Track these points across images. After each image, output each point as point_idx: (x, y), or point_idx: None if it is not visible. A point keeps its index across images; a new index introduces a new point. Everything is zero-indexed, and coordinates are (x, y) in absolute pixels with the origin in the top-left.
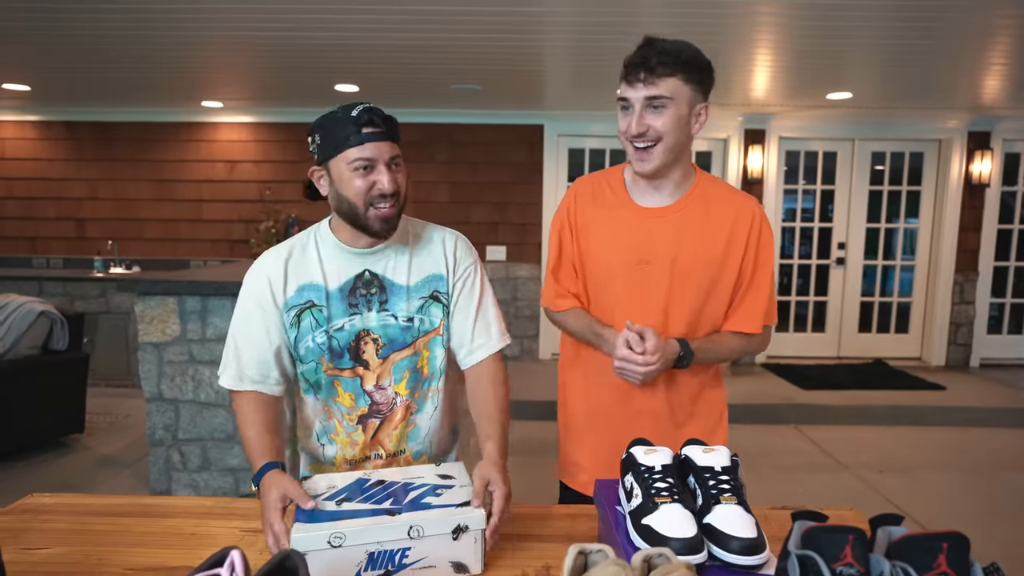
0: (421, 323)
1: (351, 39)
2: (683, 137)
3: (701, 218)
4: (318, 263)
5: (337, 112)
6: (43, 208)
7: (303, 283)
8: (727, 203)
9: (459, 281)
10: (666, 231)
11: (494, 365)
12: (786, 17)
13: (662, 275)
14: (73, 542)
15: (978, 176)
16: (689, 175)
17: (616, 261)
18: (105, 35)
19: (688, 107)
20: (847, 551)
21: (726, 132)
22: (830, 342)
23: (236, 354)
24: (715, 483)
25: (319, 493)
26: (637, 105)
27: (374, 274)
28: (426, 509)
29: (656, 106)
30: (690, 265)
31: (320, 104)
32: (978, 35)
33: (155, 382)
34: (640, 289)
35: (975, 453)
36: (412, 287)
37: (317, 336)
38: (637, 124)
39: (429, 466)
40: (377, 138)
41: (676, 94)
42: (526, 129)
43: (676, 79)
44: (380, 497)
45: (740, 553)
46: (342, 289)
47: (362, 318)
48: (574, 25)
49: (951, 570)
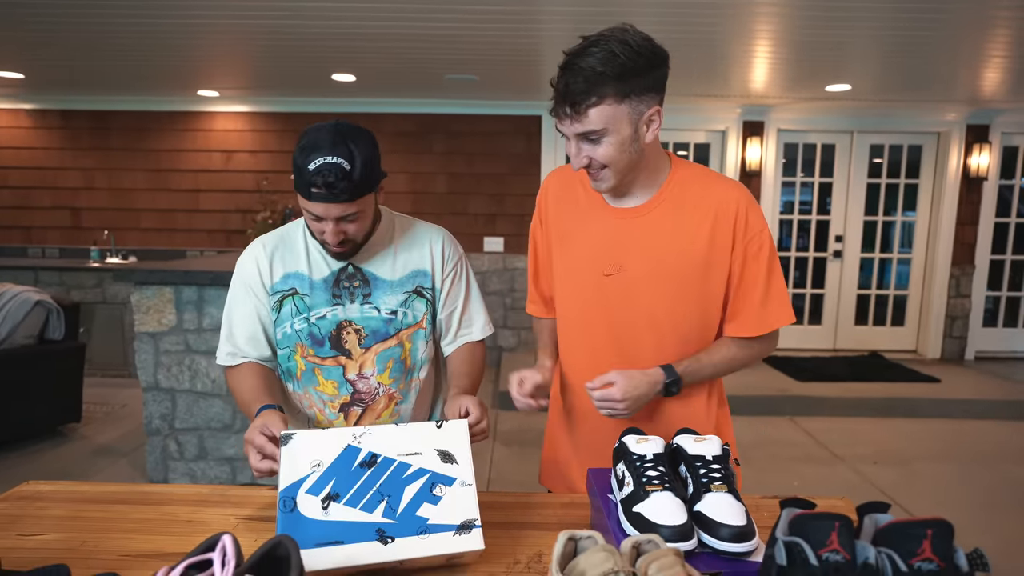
0: (404, 316)
1: (348, 28)
2: (633, 155)
3: (678, 216)
4: (305, 253)
5: (297, 159)
6: (38, 198)
7: (289, 271)
8: (707, 193)
9: (447, 278)
10: (639, 235)
11: (473, 346)
12: (786, 8)
13: (640, 283)
14: (69, 528)
15: (976, 169)
16: (660, 170)
17: (586, 269)
18: (100, 23)
19: (630, 126)
20: (833, 537)
21: (724, 124)
22: (826, 334)
23: (229, 334)
24: (706, 472)
25: (301, 475)
26: (572, 140)
27: (358, 268)
28: (422, 533)
29: (592, 139)
30: (671, 269)
31: (317, 94)
32: (979, 27)
33: (151, 371)
34: (617, 301)
35: (969, 445)
36: (396, 281)
37: (296, 323)
38: (576, 159)
39: (429, 428)
40: (326, 200)
41: (610, 122)
42: (524, 120)
43: (606, 104)
44: (372, 499)
45: (729, 540)
46: (326, 280)
47: (344, 309)
48: (571, 15)
49: (935, 556)
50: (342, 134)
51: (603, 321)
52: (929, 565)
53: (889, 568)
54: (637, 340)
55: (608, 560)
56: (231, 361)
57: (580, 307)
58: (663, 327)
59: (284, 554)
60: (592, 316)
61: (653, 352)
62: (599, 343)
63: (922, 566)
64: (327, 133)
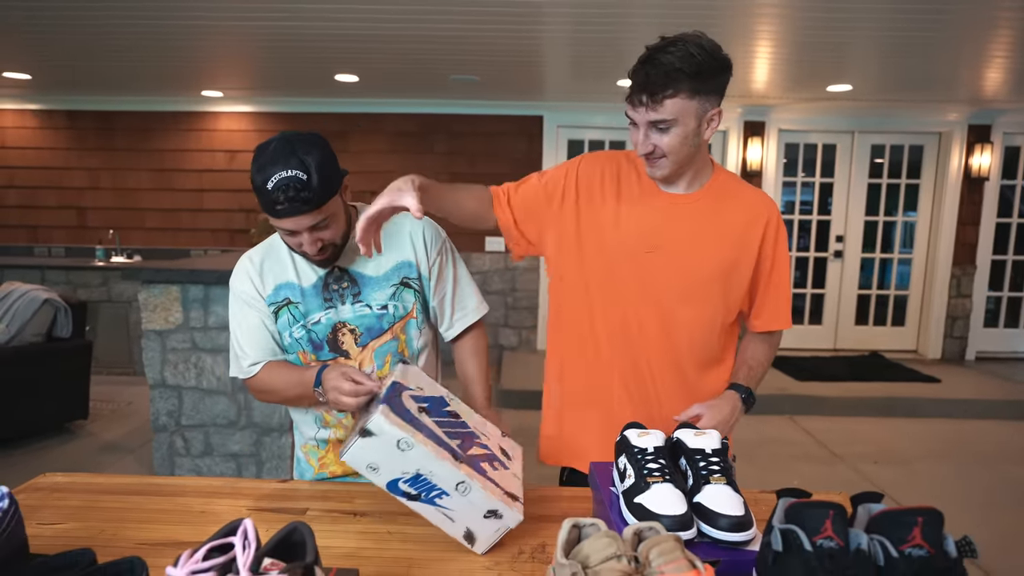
0: (395, 309)
1: (351, 29)
2: (692, 148)
3: (714, 213)
4: (291, 262)
5: (255, 180)
6: (44, 197)
7: (279, 282)
8: (743, 197)
9: (433, 265)
10: (679, 220)
11: (473, 338)
12: (787, 8)
13: (669, 266)
14: (86, 518)
15: (977, 169)
16: (705, 169)
17: (633, 246)
18: (106, 24)
19: (696, 120)
20: (827, 525)
21: (725, 124)
22: (827, 334)
23: (240, 350)
24: (705, 464)
25: (406, 386)
26: (642, 127)
27: (343, 269)
28: (482, 476)
29: (661, 128)
30: (707, 253)
31: (320, 94)
32: (980, 27)
33: (158, 369)
34: (650, 277)
35: (969, 445)
36: (382, 276)
37: (295, 331)
38: (643, 145)
39: (498, 430)
40: (292, 213)
41: (680, 114)
42: (525, 120)
43: (680, 98)
44: (452, 432)
45: (728, 530)
46: (315, 286)
47: (337, 311)
48: (573, 16)
49: (925, 543)
50: (291, 145)
51: (638, 295)
52: (919, 551)
53: (881, 554)
54: (670, 314)
55: (611, 545)
56: (252, 371)
57: (620, 280)
58: (695, 304)
59: (299, 540)
60: (629, 290)
61: (685, 326)
62: (631, 317)
63: (912, 552)
64: (277, 148)
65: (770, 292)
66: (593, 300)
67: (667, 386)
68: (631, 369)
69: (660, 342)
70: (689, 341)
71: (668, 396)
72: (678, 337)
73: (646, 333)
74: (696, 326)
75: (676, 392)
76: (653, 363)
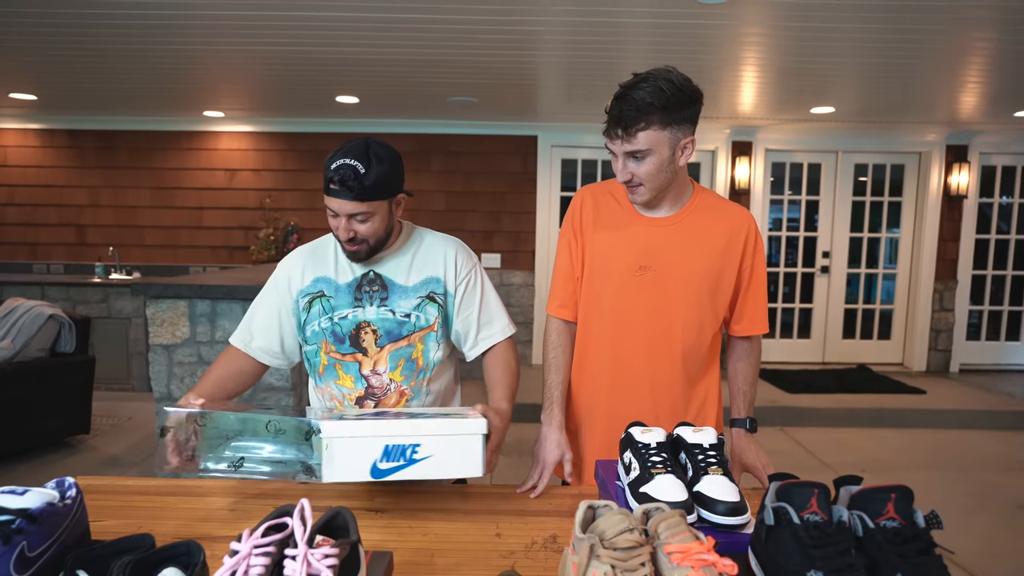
0: (418, 319)
1: (352, 53)
2: (669, 175)
3: (699, 229)
4: (333, 260)
5: (326, 162)
6: (45, 215)
7: (319, 275)
8: (724, 213)
9: (461, 284)
10: (667, 240)
11: (503, 350)
12: (772, 37)
13: (663, 282)
14: (123, 516)
15: (956, 188)
16: (685, 191)
17: (617, 266)
18: (110, 47)
19: (669, 149)
20: (813, 502)
21: (714, 144)
22: (815, 348)
23: (249, 319)
24: (703, 457)
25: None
26: (620, 157)
27: (378, 275)
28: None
29: (637, 157)
30: (690, 273)
31: (321, 115)
32: (955, 54)
33: (165, 382)
34: (640, 294)
35: (954, 454)
36: (411, 287)
37: (322, 322)
38: (622, 173)
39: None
40: (341, 196)
41: (654, 144)
42: (520, 140)
43: (652, 130)
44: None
45: (725, 514)
46: (350, 285)
47: (363, 311)
48: (567, 42)
49: (897, 515)
50: (368, 146)
51: (635, 312)
52: (892, 523)
53: (860, 526)
54: (666, 326)
55: (624, 521)
56: (236, 343)
57: (615, 300)
58: (675, 323)
59: (342, 523)
60: (626, 308)
61: (680, 333)
62: (627, 332)
63: (886, 524)
64: (356, 143)
65: (749, 299)
66: (600, 320)
67: (667, 389)
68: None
69: (660, 351)
70: (684, 348)
71: (668, 397)
72: (674, 346)
73: (648, 344)
74: (691, 334)
75: (676, 392)
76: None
